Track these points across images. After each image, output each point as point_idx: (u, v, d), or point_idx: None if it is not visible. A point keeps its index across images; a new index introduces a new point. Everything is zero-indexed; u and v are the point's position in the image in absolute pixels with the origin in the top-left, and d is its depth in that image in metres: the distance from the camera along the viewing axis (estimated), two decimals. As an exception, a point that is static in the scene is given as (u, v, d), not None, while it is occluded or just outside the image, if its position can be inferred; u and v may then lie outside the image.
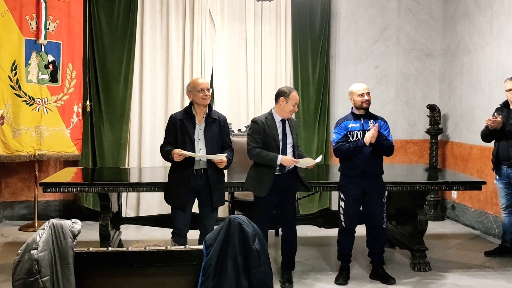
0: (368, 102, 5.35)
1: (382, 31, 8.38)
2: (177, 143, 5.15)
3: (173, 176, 5.26)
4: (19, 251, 2.60)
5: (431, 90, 8.54)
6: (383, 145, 5.29)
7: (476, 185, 5.95)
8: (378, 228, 5.42)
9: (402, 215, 6.34)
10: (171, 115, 5.31)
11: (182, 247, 2.75)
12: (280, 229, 5.95)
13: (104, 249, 2.67)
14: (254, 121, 5.33)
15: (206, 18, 7.99)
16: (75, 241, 2.64)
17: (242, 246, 2.74)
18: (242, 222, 2.77)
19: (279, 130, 5.22)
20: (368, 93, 5.34)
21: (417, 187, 5.76)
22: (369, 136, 5.15)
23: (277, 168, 5.14)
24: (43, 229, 2.61)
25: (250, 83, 8.14)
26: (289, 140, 5.25)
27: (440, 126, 8.17)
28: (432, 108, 8.15)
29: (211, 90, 5.21)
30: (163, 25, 7.99)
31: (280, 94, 5.24)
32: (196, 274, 2.71)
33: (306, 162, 5.15)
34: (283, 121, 5.26)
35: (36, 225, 7.32)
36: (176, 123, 5.17)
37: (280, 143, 5.20)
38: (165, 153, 5.16)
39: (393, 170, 6.63)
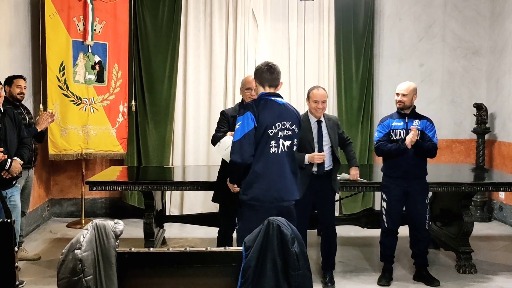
0: (402, 103, 5.26)
1: (427, 29, 8.26)
2: None
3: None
4: (63, 251, 2.67)
5: (478, 88, 8.37)
6: (424, 148, 5.21)
7: (524, 186, 5.82)
8: (420, 229, 5.35)
9: (447, 216, 6.24)
10: (223, 111, 5.21)
11: (222, 248, 2.77)
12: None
13: (146, 249, 2.72)
14: None
15: (249, 17, 8.02)
16: (118, 241, 2.70)
17: (281, 248, 2.74)
18: (281, 225, 2.77)
19: (314, 131, 5.16)
20: (404, 95, 5.25)
21: (463, 188, 5.65)
22: (408, 139, 5.10)
23: (314, 169, 5.11)
24: (87, 229, 2.68)
25: (292, 82, 8.13)
26: (326, 141, 5.17)
27: (487, 125, 8.00)
28: (479, 107, 7.99)
29: None
30: (207, 25, 8.06)
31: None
32: (236, 276, 2.73)
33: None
34: (318, 122, 5.20)
35: (83, 222, 7.49)
36: (229, 120, 5.04)
37: (316, 145, 5.13)
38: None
39: (438, 170, 6.53)
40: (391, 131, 5.31)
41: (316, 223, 5.73)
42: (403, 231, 5.50)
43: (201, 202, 7.93)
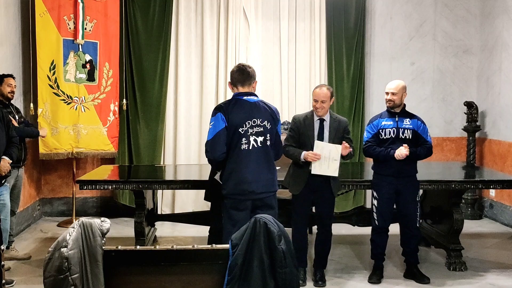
0: (392, 102, 5.27)
1: (418, 28, 8.28)
2: None
3: None
4: (49, 249, 2.66)
5: (469, 87, 8.40)
6: (418, 154, 5.25)
7: (514, 184, 5.85)
8: (411, 227, 5.36)
9: (438, 213, 6.26)
10: None
11: (208, 246, 2.77)
12: (314, 228, 5.92)
13: (132, 247, 2.72)
14: (292, 119, 5.34)
15: (240, 16, 8.02)
16: (104, 239, 2.69)
17: (268, 246, 2.74)
18: (267, 222, 2.77)
19: (316, 130, 5.15)
20: (393, 93, 5.26)
21: (453, 186, 5.65)
22: (398, 156, 5.13)
23: (310, 167, 5.10)
24: (73, 227, 2.67)
25: (284, 81, 8.14)
26: (325, 141, 5.11)
27: (477, 123, 8.03)
28: (470, 105, 8.01)
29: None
30: (198, 24, 8.05)
31: None
32: (223, 273, 2.73)
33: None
34: (321, 120, 5.17)
35: (74, 221, 7.44)
36: None
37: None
38: None
39: (429, 168, 6.54)
40: (380, 130, 5.31)
41: (314, 221, 5.74)
42: (394, 229, 5.51)
43: (193, 200, 7.93)
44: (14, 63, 6.92)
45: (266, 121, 4.39)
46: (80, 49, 7.31)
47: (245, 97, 4.40)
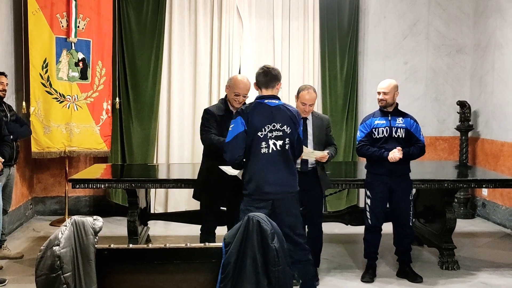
0: (384, 101, 5.28)
1: (411, 27, 8.30)
2: None
3: (214, 174, 4.94)
4: (41, 247, 2.65)
5: (462, 86, 8.42)
6: (411, 154, 5.26)
7: (506, 183, 5.88)
8: (404, 226, 5.37)
9: (431, 212, 6.27)
10: (208, 109, 5.01)
11: (201, 245, 2.76)
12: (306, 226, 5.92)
13: (125, 246, 2.71)
14: None
15: (234, 15, 8.00)
16: (97, 237, 2.68)
17: (261, 244, 2.74)
18: (261, 220, 2.77)
19: (299, 128, 5.15)
20: (385, 93, 5.26)
21: (446, 185, 5.67)
22: (391, 158, 5.15)
23: (298, 166, 5.07)
24: (65, 226, 2.66)
25: (277, 80, 8.11)
26: (310, 139, 5.14)
27: (470, 123, 8.05)
28: (462, 105, 8.03)
29: (248, 96, 4.94)
30: (191, 23, 8.02)
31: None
32: (216, 272, 2.73)
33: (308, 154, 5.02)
34: (304, 119, 5.15)
35: (67, 220, 7.42)
36: (216, 118, 4.91)
37: None
38: (221, 143, 4.59)
39: (422, 167, 6.55)
40: (373, 129, 5.31)
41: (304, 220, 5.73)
42: (387, 228, 5.51)
43: (186, 199, 7.89)
44: (6, 61, 6.88)
45: (285, 126, 4.38)
46: (73, 47, 7.27)
47: (266, 101, 4.39)
